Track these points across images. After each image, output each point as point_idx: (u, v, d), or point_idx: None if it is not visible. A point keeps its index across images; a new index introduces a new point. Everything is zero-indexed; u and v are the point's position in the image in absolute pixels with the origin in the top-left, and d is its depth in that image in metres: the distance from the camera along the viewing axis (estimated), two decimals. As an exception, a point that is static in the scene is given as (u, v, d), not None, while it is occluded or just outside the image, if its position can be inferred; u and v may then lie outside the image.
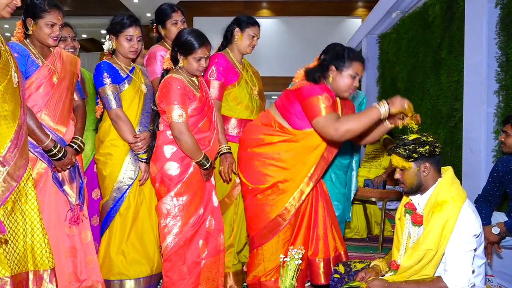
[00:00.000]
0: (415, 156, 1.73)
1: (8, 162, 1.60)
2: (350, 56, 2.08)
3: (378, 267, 1.91)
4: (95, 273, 2.25)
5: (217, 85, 2.54)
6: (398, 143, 1.80)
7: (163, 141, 2.24)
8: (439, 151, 1.76)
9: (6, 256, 1.56)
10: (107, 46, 2.42)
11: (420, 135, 1.79)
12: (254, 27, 2.63)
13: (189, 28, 2.27)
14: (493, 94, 2.91)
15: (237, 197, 2.62)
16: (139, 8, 10.28)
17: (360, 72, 2.11)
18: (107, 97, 2.28)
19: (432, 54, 3.98)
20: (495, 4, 2.89)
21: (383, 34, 5.92)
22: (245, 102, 2.65)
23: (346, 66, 2.07)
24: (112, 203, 2.35)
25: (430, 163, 1.75)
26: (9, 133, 1.61)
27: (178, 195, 2.21)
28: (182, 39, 2.19)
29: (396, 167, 1.80)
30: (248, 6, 12.59)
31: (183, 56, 2.20)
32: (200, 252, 2.27)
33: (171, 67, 2.27)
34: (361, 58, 2.12)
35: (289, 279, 1.85)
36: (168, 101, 2.14)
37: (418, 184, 1.77)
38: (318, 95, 2.01)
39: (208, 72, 2.54)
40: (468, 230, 1.65)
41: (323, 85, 2.09)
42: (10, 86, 1.64)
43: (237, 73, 2.64)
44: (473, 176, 2.96)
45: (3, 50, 1.65)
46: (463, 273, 1.63)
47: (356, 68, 2.08)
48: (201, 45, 2.18)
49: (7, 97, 1.61)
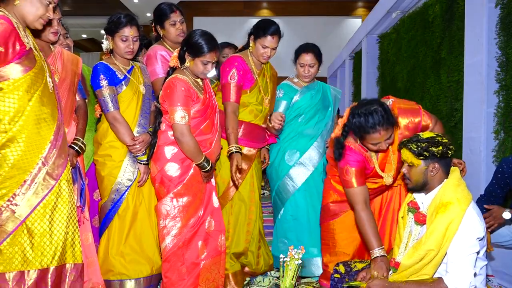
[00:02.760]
0: (426, 155, 1.71)
1: (48, 162, 1.72)
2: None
3: None
4: (95, 275, 2.25)
5: (237, 88, 2.52)
6: (412, 138, 1.77)
7: (164, 141, 2.24)
8: (451, 154, 1.74)
9: (46, 250, 1.69)
10: (105, 46, 2.40)
11: (436, 135, 1.77)
12: (265, 38, 2.53)
13: (201, 30, 2.24)
14: (493, 94, 2.91)
15: (232, 198, 2.62)
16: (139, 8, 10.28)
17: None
18: (104, 99, 2.27)
19: (432, 54, 3.98)
20: (495, 4, 2.88)
21: (383, 34, 5.92)
22: (249, 107, 2.63)
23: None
24: (111, 204, 2.34)
25: (440, 164, 1.73)
26: (49, 135, 1.72)
27: (178, 196, 2.21)
28: (193, 40, 2.18)
29: (405, 161, 1.78)
30: (248, 6, 12.59)
31: (191, 57, 2.19)
32: (200, 253, 2.27)
33: (177, 66, 2.26)
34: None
35: (289, 279, 1.85)
36: (172, 102, 2.14)
37: (424, 183, 1.76)
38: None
39: (228, 75, 2.52)
40: (472, 233, 1.64)
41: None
42: (47, 90, 1.74)
43: (252, 80, 2.61)
44: (473, 176, 2.96)
45: (37, 56, 1.73)
46: (465, 276, 1.62)
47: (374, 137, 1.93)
48: (211, 50, 2.17)
49: (44, 100, 1.72)
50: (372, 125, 1.87)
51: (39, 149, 1.69)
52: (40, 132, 1.69)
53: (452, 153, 1.75)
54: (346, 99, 8.81)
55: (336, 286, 1.99)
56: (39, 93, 1.69)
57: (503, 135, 2.85)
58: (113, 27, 2.30)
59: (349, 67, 8.48)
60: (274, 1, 12.43)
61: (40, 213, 1.69)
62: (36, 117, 1.68)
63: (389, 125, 1.89)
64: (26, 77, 1.65)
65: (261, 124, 2.68)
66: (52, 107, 1.75)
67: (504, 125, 2.83)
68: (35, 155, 1.68)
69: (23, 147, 1.65)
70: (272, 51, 2.58)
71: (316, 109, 2.83)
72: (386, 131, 1.89)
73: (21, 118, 1.64)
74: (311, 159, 2.77)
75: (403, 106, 2.06)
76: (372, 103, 1.93)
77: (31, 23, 1.69)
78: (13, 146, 1.63)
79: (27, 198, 1.66)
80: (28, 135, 1.66)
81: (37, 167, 1.68)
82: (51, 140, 1.73)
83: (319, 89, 2.89)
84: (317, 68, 2.81)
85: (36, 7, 1.67)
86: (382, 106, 1.91)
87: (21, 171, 1.65)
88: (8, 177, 1.64)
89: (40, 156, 1.69)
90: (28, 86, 1.66)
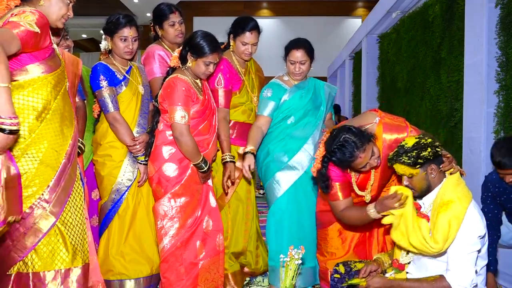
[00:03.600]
0: (421, 162, 1.72)
1: (71, 159, 1.77)
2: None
3: (380, 259, 1.92)
4: (95, 274, 2.24)
5: (225, 93, 2.51)
6: (399, 151, 1.77)
7: (162, 141, 2.24)
8: (440, 151, 1.75)
9: (77, 248, 1.75)
10: (103, 46, 2.39)
11: (418, 138, 1.78)
12: (244, 35, 2.51)
13: (203, 31, 2.24)
14: (493, 94, 2.91)
15: (230, 199, 2.62)
16: (139, 8, 10.29)
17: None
18: (104, 100, 2.27)
19: (432, 54, 3.98)
20: (495, 4, 2.88)
21: (383, 34, 5.92)
22: (242, 108, 2.64)
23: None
24: (111, 204, 2.34)
25: (435, 164, 1.75)
26: (70, 132, 1.78)
27: (176, 196, 2.21)
28: (195, 41, 2.18)
29: (403, 175, 1.79)
30: (248, 6, 12.59)
31: (194, 58, 2.19)
32: (198, 253, 2.27)
33: (178, 66, 2.26)
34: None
35: (289, 279, 1.85)
36: (172, 102, 2.14)
37: (428, 186, 1.77)
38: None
39: (215, 80, 2.51)
40: (473, 231, 1.64)
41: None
42: (66, 89, 1.80)
43: (239, 80, 2.62)
44: (473, 176, 2.96)
45: (60, 56, 1.79)
46: (466, 273, 1.63)
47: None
48: (213, 51, 2.17)
49: (66, 99, 1.78)
50: (350, 155, 1.88)
51: (63, 146, 1.73)
52: (63, 129, 1.74)
53: (440, 150, 1.76)
54: (346, 99, 8.81)
55: (336, 286, 1.99)
56: (63, 91, 1.75)
57: (503, 135, 2.85)
58: (112, 27, 2.30)
59: (349, 67, 8.49)
60: (274, 1, 12.43)
61: (68, 210, 1.73)
62: (60, 115, 1.72)
63: (365, 144, 1.89)
64: (54, 74, 1.70)
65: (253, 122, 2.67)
66: (70, 106, 1.81)
67: (504, 125, 2.83)
68: (60, 152, 1.71)
69: (49, 144, 1.68)
70: (252, 47, 2.56)
71: (306, 109, 2.59)
72: (365, 152, 1.89)
73: (47, 115, 1.68)
74: (301, 163, 2.56)
75: (389, 122, 2.04)
76: (339, 133, 1.93)
77: (54, 22, 1.73)
78: (40, 142, 1.66)
79: (57, 195, 1.69)
80: (54, 132, 1.70)
81: (63, 162, 1.72)
82: (72, 137, 1.78)
83: (310, 88, 2.63)
84: (308, 65, 2.58)
85: (59, 7, 1.71)
86: (349, 130, 1.91)
87: (49, 168, 1.68)
88: (38, 174, 1.66)
89: (64, 154, 1.73)
90: (56, 83, 1.71)
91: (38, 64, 1.65)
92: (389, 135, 2.01)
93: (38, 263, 1.66)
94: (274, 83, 2.66)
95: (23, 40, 1.49)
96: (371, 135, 1.93)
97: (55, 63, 1.72)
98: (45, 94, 1.67)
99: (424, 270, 1.78)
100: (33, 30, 1.53)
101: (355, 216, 2.00)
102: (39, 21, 1.56)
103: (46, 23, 1.61)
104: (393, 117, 2.09)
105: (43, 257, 1.66)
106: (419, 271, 1.80)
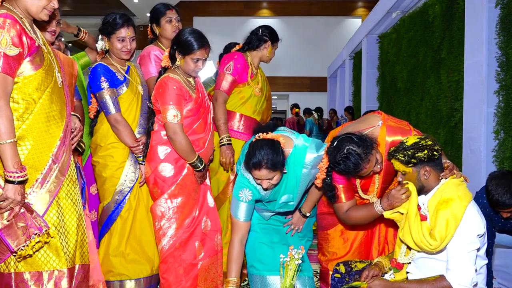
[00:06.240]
0: (414, 162, 1.73)
1: (59, 159, 1.71)
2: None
3: (381, 263, 1.92)
4: (96, 272, 2.24)
5: (231, 80, 2.59)
6: (398, 147, 1.79)
7: (157, 141, 2.23)
8: (438, 155, 1.76)
9: (63, 250, 1.70)
10: (99, 46, 2.37)
11: (420, 139, 1.78)
12: (276, 44, 2.79)
13: (190, 28, 2.24)
14: (493, 94, 2.91)
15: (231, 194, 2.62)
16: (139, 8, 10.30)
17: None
18: (105, 101, 2.24)
19: (432, 54, 3.98)
20: (495, 4, 2.89)
21: (383, 34, 5.93)
22: (249, 101, 2.68)
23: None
24: (114, 205, 2.32)
25: (431, 166, 1.75)
26: (58, 132, 1.70)
27: (172, 197, 2.20)
28: (182, 38, 2.17)
29: (398, 170, 1.81)
30: (248, 6, 12.60)
31: (181, 55, 2.18)
32: (197, 253, 2.26)
33: (169, 66, 2.26)
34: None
35: (289, 279, 1.85)
36: (164, 101, 2.13)
37: (421, 187, 1.77)
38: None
39: (225, 66, 2.59)
40: (473, 229, 1.65)
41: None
42: (56, 86, 1.72)
43: (251, 74, 2.69)
44: (473, 176, 2.96)
45: (45, 52, 1.70)
46: (466, 272, 1.63)
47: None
48: (201, 46, 2.16)
49: (54, 97, 1.69)
50: (354, 166, 1.86)
51: (49, 147, 1.67)
52: (50, 130, 1.67)
53: (439, 154, 1.76)
54: (346, 99, 8.82)
55: (337, 286, 1.99)
56: (49, 90, 1.67)
57: (503, 135, 2.85)
58: (109, 28, 2.27)
59: (349, 67, 8.50)
60: (274, 1, 12.44)
61: (55, 211, 1.69)
62: (46, 115, 1.66)
63: (369, 155, 1.88)
64: (36, 74, 1.63)
65: (258, 119, 2.74)
66: (61, 103, 1.73)
67: (504, 125, 2.83)
68: (45, 154, 1.65)
69: (33, 145, 1.64)
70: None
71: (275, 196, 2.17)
72: (368, 162, 1.87)
73: (30, 116, 1.62)
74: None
75: (393, 125, 2.04)
76: (341, 143, 1.89)
77: (36, 15, 1.66)
78: (23, 144, 1.62)
79: (41, 197, 1.65)
80: (38, 133, 1.64)
81: (47, 165, 1.66)
82: (61, 138, 1.70)
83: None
84: (278, 177, 1.98)
85: None
86: (352, 141, 1.88)
87: (33, 169, 1.62)
88: None
89: (51, 154, 1.67)
90: (38, 84, 1.63)
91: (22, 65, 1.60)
92: (393, 138, 2.02)
93: (21, 263, 1.64)
94: (252, 186, 2.10)
95: (11, 69, 1.50)
96: (373, 142, 1.92)
97: (40, 61, 1.65)
98: (26, 95, 1.62)
99: (425, 270, 1.78)
100: (14, 54, 1.51)
101: (361, 215, 2.00)
102: (13, 37, 1.52)
103: (19, 30, 1.55)
104: (397, 120, 2.09)
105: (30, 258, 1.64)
106: (420, 271, 1.81)
